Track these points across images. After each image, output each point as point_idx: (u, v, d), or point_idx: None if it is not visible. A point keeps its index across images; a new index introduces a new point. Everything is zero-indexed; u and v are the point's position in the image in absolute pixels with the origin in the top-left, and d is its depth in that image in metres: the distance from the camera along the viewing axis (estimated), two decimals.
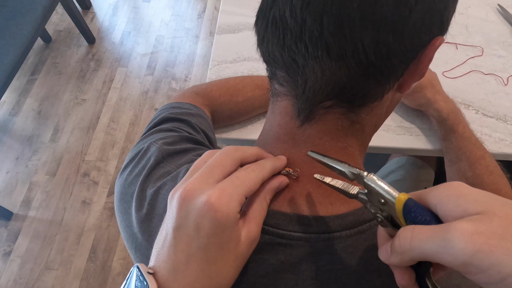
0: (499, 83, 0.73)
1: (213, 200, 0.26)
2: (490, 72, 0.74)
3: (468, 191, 0.22)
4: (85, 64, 1.92)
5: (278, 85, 0.31)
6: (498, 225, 0.19)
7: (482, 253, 0.19)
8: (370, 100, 0.29)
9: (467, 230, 0.19)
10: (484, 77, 0.74)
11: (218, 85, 0.62)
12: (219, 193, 0.26)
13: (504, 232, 0.19)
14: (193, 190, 0.27)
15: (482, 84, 0.73)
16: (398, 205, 0.23)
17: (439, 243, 0.20)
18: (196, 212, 0.26)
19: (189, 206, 0.27)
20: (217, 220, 0.26)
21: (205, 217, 0.26)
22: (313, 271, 0.30)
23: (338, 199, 0.32)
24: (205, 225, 0.26)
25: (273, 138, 0.33)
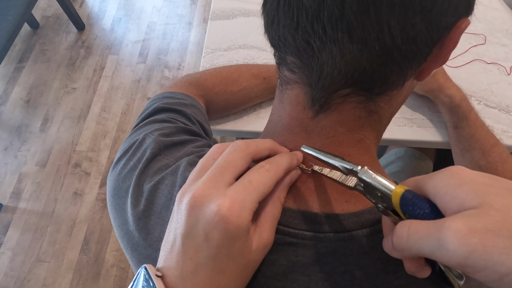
0: (502, 72, 0.71)
1: (224, 211, 0.24)
2: (493, 61, 0.72)
3: (467, 179, 0.21)
4: (75, 52, 1.86)
5: (289, 72, 0.29)
6: (494, 220, 0.18)
7: (476, 254, 0.18)
8: (390, 88, 0.27)
9: (460, 230, 0.18)
10: (486, 66, 0.72)
11: (213, 74, 0.60)
12: (230, 203, 0.24)
13: (500, 228, 0.18)
14: (203, 197, 0.25)
15: (484, 73, 0.71)
16: (394, 198, 0.23)
17: (434, 244, 0.20)
18: (205, 222, 0.24)
19: (198, 215, 0.25)
20: (228, 231, 0.24)
21: (216, 228, 0.24)
22: (327, 272, 0.28)
23: (353, 195, 0.30)
24: (215, 236, 0.24)
25: (283, 130, 0.31)
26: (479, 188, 0.20)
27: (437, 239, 0.19)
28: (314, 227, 0.29)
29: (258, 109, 0.66)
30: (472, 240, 0.18)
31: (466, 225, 0.19)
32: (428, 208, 0.21)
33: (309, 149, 0.29)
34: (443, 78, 0.61)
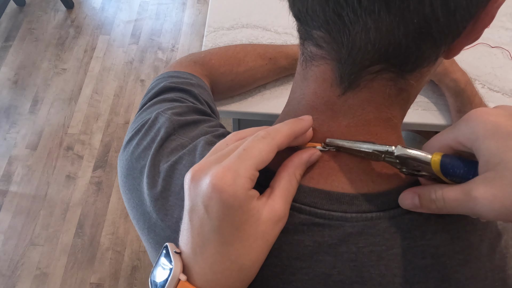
0: (506, 56, 0.71)
1: (216, 181, 0.24)
2: (497, 45, 0.72)
3: (490, 128, 0.22)
4: (64, 31, 1.80)
5: (315, 47, 0.27)
6: (508, 182, 0.21)
7: (504, 216, 0.21)
8: (423, 64, 0.26)
9: (485, 199, 0.22)
10: (491, 50, 0.71)
11: (218, 54, 0.58)
12: (223, 171, 0.24)
13: None
14: (200, 171, 0.25)
15: (488, 57, 0.70)
16: (435, 167, 0.25)
17: (468, 210, 0.23)
18: (202, 194, 0.24)
19: (197, 188, 0.25)
20: (224, 200, 0.24)
21: (212, 199, 0.24)
22: (353, 253, 0.27)
23: (380, 175, 0.29)
24: (213, 207, 0.24)
25: (308, 108, 0.30)
26: (499, 144, 0.22)
27: (469, 207, 0.23)
28: (341, 207, 0.28)
29: (263, 90, 0.65)
30: (496, 206, 0.21)
31: (489, 192, 0.21)
32: (467, 165, 0.24)
33: (335, 140, 0.28)
34: (449, 62, 0.61)
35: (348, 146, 0.28)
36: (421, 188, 0.27)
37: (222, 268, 0.25)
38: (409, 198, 0.27)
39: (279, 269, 0.28)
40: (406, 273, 0.27)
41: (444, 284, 0.27)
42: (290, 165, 0.28)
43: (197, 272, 0.25)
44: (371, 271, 0.27)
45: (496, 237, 0.29)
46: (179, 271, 0.25)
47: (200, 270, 0.25)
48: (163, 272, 0.26)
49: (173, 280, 0.25)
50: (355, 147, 0.27)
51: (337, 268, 0.28)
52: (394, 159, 0.27)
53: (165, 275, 0.26)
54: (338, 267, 0.28)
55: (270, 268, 0.28)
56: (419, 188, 0.27)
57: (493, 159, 0.22)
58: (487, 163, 0.22)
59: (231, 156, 0.25)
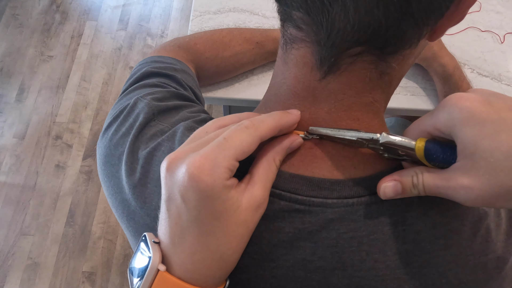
0: (496, 40, 0.70)
1: (193, 170, 0.23)
2: (487, 29, 0.71)
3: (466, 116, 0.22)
4: (49, 17, 1.75)
5: (294, 29, 0.26)
6: (484, 171, 0.22)
7: (483, 203, 0.23)
8: (404, 46, 0.25)
9: (463, 188, 0.23)
10: (481, 34, 0.71)
11: (203, 38, 0.56)
12: (201, 160, 0.23)
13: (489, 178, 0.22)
14: (177, 159, 0.24)
15: (478, 41, 0.70)
16: (419, 154, 0.25)
17: (446, 196, 0.24)
18: (179, 184, 0.24)
19: (173, 177, 0.24)
20: (202, 190, 0.23)
21: (189, 188, 0.23)
22: (334, 239, 0.27)
23: (362, 162, 0.28)
24: (190, 197, 0.23)
25: (289, 94, 0.29)
26: (474, 131, 0.22)
27: (447, 195, 0.24)
28: (322, 193, 0.28)
29: (250, 76, 0.64)
30: (473, 196, 0.22)
31: (466, 182, 0.22)
32: (449, 150, 0.24)
33: (319, 128, 0.28)
34: (438, 46, 0.60)
35: (332, 135, 0.27)
36: (401, 173, 0.27)
37: (202, 257, 0.24)
38: (391, 187, 0.26)
39: (259, 256, 0.28)
40: (386, 258, 0.27)
41: (425, 269, 0.27)
42: (269, 150, 0.27)
43: (177, 262, 0.25)
44: (352, 257, 0.27)
45: (477, 221, 0.28)
46: (157, 261, 0.25)
47: (180, 260, 0.25)
48: (142, 259, 0.26)
49: (152, 271, 0.24)
50: (338, 135, 0.27)
51: (317, 255, 0.27)
52: (378, 146, 0.27)
53: (144, 262, 0.25)
54: (319, 253, 0.27)
55: (251, 256, 0.28)
56: (399, 174, 0.27)
57: (469, 148, 0.22)
58: (464, 151, 0.23)
59: (210, 145, 0.24)
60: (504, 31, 0.71)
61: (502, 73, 0.67)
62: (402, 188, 0.26)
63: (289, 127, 0.27)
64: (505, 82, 0.66)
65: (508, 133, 0.21)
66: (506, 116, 0.22)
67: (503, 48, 0.69)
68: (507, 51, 0.69)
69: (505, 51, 0.69)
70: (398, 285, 0.27)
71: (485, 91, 0.24)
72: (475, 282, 0.28)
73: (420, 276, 0.27)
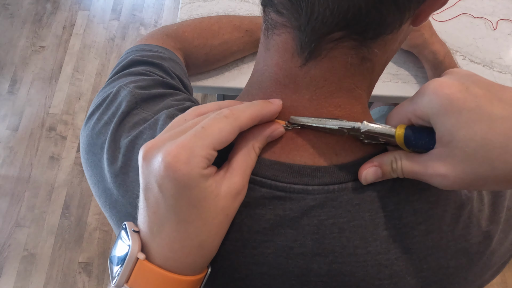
0: (488, 27, 0.70)
1: (169, 159, 0.22)
2: (480, 16, 0.70)
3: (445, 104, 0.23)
4: (41, 7, 1.72)
5: (275, 13, 0.26)
6: (458, 160, 0.22)
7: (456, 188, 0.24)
8: (386, 31, 0.25)
9: (440, 175, 0.23)
10: (473, 20, 0.70)
11: (191, 26, 0.55)
12: (177, 149, 0.23)
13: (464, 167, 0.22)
14: (153, 148, 0.24)
15: (471, 28, 0.69)
16: (399, 140, 0.26)
17: (423, 181, 0.25)
18: (155, 173, 0.23)
19: (149, 166, 0.24)
20: (178, 180, 0.23)
21: (165, 177, 0.23)
22: (315, 225, 0.27)
23: (344, 148, 0.28)
24: (167, 186, 0.23)
25: (271, 81, 0.28)
26: (451, 121, 0.22)
27: (425, 180, 0.25)
28: (303, 180, 0.28)
29: (241, 64, 0.63)
30: (448, 182, 0.23)
31: (442, 169, 0.23)
32: (427, 135, 0.25)
33: (300, 118, 0.27)
34: (429, 33, 0.60)
35: (313, 124, 0.27)
36: (381, 159, 0.27)
37: (181, 245, 0.24)
38: (372, 172, 0.27)
39: (240, 243, 0.28)
40: (367, 244, 0.27)
41: (406, 254, 0.27)
42: (249, 137, 0.27)
43: (156, 251, 0.25)
44: (333, 243, 0.27)
45: (459, 207, 0.29)
46: (137, 250, 0.25)
47: (159, 248, 0.25)
48: (122, 247, 0.26)
49: (131, 259, 0.24)
50: (320, 124, 0.27)
51: (299, 241, 0.27)
52: (360, 134, 0.27)
53: (124, 250, 0.25)
54: (300, 240, 0.27)
55: (232, 243, 0.28)
56: (379, 159, 0.27)
57: (446, 136, 0.23)
58: (441, 139, 0.23)
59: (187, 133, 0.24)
60: (497, 18, 0.70)
61: (494, 60, 0.66)
62: (382, 173, 0.26)
63: (270, 117, 0.27)
64: (497, 69, 0.65)
65: (483, 123, 0.21)
66: (482, 103, 0.22)
67: (496, 34, 0.69)
68: (499, 37, 0.69)
69: (497, 37, 0.69)
70: (379, 271, 0.27)
71: (463, 73, 0.24)
72: (456, 267, 0.28)
73: (400, 261, 0.27)
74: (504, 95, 0.22)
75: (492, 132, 0.21)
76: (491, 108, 0.21)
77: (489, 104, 0.22)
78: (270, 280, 0.28)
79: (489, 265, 0.30)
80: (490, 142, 0.21)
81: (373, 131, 0.26)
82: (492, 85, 0.23)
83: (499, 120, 0.21)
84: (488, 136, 0.21)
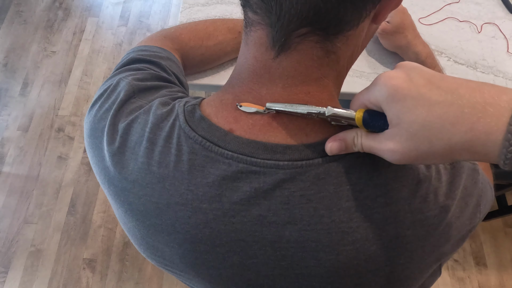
0: (473, 30, 0.73)
1: None
2: (465, 19, 0.74)
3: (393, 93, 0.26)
4: (52, 13, 1.80)
5: (252, 13, 0.30)
6: (405, 139, 0.26)
7: (404, 162, 0.27)
8: (345, 28, 0.29)
9: (390, 150, 0.27)
10: (459, 24, 0.73)
11: (188, 29, 0.60)
12: None
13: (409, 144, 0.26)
14: None
15: (456, 31, 0.72)
16: (358, 122, 0.30)
17: (380, 155, 0.28)
18: None
19: None
20: None
21: None
22: (286, 196, 0.31)
23: (313, 130, 0.32)
24: None
25: (249, 72, 0.32)
26: (398, 106, 0.26)
27: (380, 155, 0.28)
28: (275, 156, 0.31)
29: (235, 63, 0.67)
30: (397, 156, 0.27)
31: (391, 146, 0.27)
32: (383, 118, 0.28)
33: (274, 104, 0.31)
34: (412, 35, 0.63)
35: (286, 109, 0.31)
36: (345, 134, 0.31)
37: None
38: (336, 144, 0.30)
39: (220, 212, 0.31)
40: (332, 214, 0.30)
41: (366, 223, 0.31)
42: None
43: None
44: (302, 213, 0.31)
45: (417, 183, 0.32)
46: None
47: None
48: None
49: None
50: (292, 109, 0.31)
51: (272, 211, 0.31)
52: (325, 117, 0.30)
53: None
54: (273, 210, 0.31)
55: (213, 212, 0.31)
56: (344, 134, 0.31)
57: (395, 120, 0.26)
58: (391, 122, 0.27)
59: None
60: (482, 21, 0.73)
61: (478, 61, 0.69)
62: (345, 146, 0.30)
63: None
64: (480, 69, 0.68)
65: (424, 108, 0.25)
66: (423, 92, 0.25)
67: (480, 37, 0.72)
68: (484, 40, 0.72)
69: (481, 40, 0.72)
70: (342, 237, 0.30)
71: (409, 66, 0.27)
72: (413, 236, 0.31)
73: (361, 229, 0.31)
74: (442, 84, 0.25)
75: (430, 115, 0.25)
76: (430, 95, 0.25)
77: (429, 92, 0.25)
78: (247, 246, 0.32)
79: (446, 237, 0.33)
80: (428, 124, 0.25)
81: (336, 115, 0.30)
82: (434, 75, 0.26)
83: (436, 105, 0.25)
84: (428, 118, 0.25)
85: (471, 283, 1.28)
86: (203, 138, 0.32)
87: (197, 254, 0.33)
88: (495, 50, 0.71)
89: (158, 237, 0.34)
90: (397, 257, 0.31)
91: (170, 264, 0.35)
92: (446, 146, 0.25)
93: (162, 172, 0.32)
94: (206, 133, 0.33)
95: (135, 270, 1.30)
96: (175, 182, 0.32)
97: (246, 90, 0.33)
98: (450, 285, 1.28)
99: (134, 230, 0.35)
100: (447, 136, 0.24)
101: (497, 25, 0.73)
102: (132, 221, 0.35)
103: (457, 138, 0.24)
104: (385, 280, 0.32)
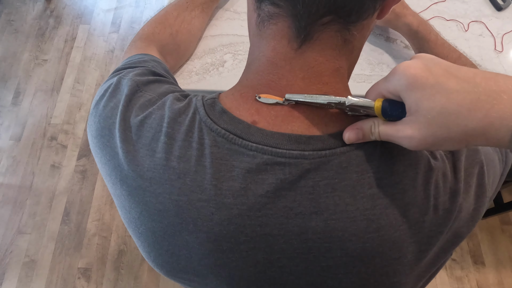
0: (460, 29, 0.73)
1: None
2: (452, 18, 0.73)
3: (412, 82, 0.27)
4: (44, 22, 1.79)
5: (272, 6, 0.31)
6: (424, 126, 0.27)
7: (421, 148, 0.28)
8: (363, 16, 0.30)
9: (407, 137, 0.28)
10: (445, 23, 0.73)
11: (152, 20, 0.60)
12: None
13: (427, 131, 0.27)
14: None
15: (443, 30, 0.72)
16: (377, 111, 0.30)
17: (398, 142, 0.29)
18: None
19: None
20: None
21: None
22: (310, 186, 0.31)
23: (331, 120, 0.33)
24: None
25: (268, 64, 0.33)
26: (417, 95, 0.27)
27: (397, 142, 0.29)
28: (300, 146, 0.31)
29: (221, 68, 0.67)
30: (414, 142, 0.28)
31: (409, 132, 0.27)
32: (401, 107, 0.29)
33: (294, 95, 0.32)
34: (399, 8, 0.64)
35: (306, 100, 0.31)
36: (363, 123, 0.31)
37: None
38: (354, 133, 0.31)
39: (246, 207, 0.31)
40: (356, 201, 0.31)
41: (388, 209, 0.31)
42: None
43: None
44: (327, 202, 0.31)
45: (428, 171, 0.33)
46: None
47: None
48: None
49: None
50: (312, 99, 0.31)
51: (297, 201, 0.31)
52: (345, 107, 0.31)
53: None
54: (298, 200, 0.31)
55: (238, 207, 0.31)
56: (361, 124, 0.31)
57: (413, 107, 0.27)
58: (409, 109, 0.28)
59: None
60: (469, 20, 0.73)
61: None
62: (363, 134, 0.31)
63: None
64: None
65: (442, 95, 0.26)
66: (441, 80, 0.26)
67: (467, 36, 0.72)
68: (471, 38, 0.71)
69: (468, 38, 0.71)
70: (367, 225, 0.31)
71: (427, 57, 0.28)
72: (431, 221, 0.32)
73: (384, 216, 0.31)
74: (459, 73, 0.26)
75: (448, 102, 0.25)
76: (447, 84, 0.26)
77: (447, 81, 0.26)
78: (273, 241, 0.31)
79: (459, 219, 0.33)
80: (446, 110, 0.26)
81: (356, 104, 0.31)
82: (451, 65, 0.27)
83: (454, 93, 0.25)
84: (445, 105, 0.26)
85: (469, 282, 1.28)
86: (226, 130, 0.32)
87: (219, 254, 0.32)
88: (483, 48, 0.70)
89: (176, 238, 0.33)
90: (418, 242, 0.32)
91: (185, 270, 0.34)
92: (463, 132, 0.26)
93: (183, 167, 0.32)
94: (228, 126, 0.32)
95: (130, 278, 1.29)
96: (197, 177, 0.31)
97: (265, 82, 0.33)
98: (448, 285, 1.27)
99: (147, 234, 0.34)
100: (464, 122, 0.25)
101: (484, 23, 0.73)
102: (147, 223, 0.33)
103: (473, 124, 0.25)
104: (408, 268, 0.32)
